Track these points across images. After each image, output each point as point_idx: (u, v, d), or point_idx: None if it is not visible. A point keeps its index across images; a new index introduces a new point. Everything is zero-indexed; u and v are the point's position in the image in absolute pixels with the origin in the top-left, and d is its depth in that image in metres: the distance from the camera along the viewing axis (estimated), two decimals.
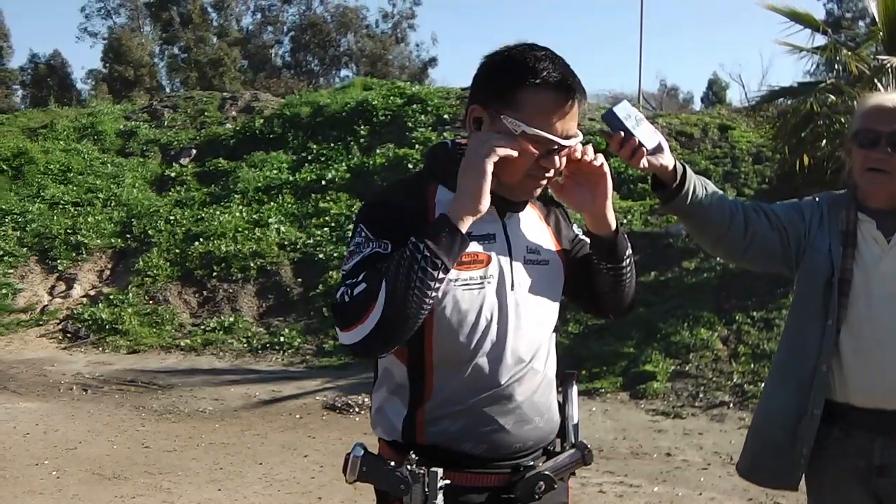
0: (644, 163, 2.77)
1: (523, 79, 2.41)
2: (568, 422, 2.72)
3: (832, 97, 12.70)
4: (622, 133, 2.72)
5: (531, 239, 2.64)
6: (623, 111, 2.73)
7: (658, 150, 2.81)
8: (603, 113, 2.82)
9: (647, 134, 2.75)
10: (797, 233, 3.17)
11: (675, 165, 2.92)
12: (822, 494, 3.22)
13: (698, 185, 3.00)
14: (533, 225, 2.68)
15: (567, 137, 2.46)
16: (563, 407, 2.74)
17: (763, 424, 3.32)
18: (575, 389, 2.76)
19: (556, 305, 2.69)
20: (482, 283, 2.49)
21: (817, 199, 3.27)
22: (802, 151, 13.04)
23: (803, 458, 3.14)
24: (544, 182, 2.53)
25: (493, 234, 2.52)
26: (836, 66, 13.40)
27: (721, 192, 3.12)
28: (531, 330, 2.58)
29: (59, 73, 52.60)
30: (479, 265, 2.48)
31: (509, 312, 2.52)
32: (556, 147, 2.44)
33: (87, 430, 9.27)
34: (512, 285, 2.54)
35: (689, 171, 2.97)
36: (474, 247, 2.46)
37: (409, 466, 2.39)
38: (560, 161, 2.48)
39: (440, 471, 2.39)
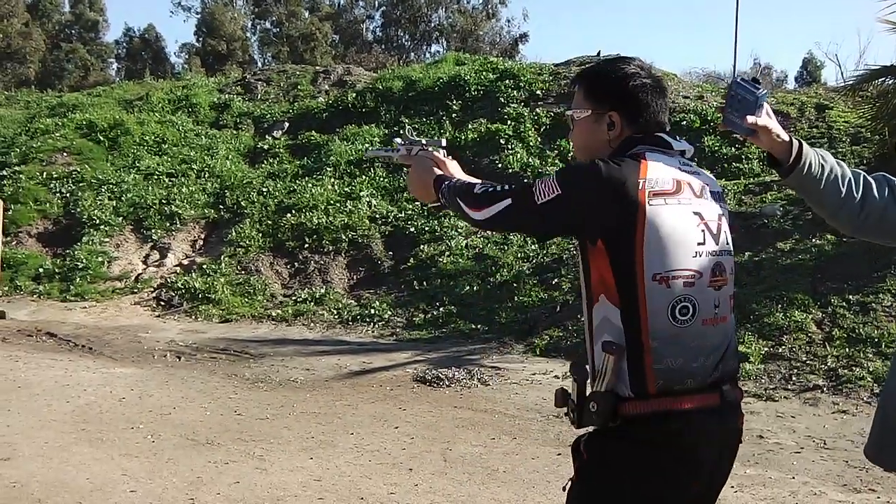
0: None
1: None
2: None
3: None
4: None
5: None
6: (737, 89, 2.92)
7: (750, 133, 2.91)
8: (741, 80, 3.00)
9: (738, 115, 2.91)
10: None
11: (789, 143, 2.92)
12: None
13: (814, 162, 2.94)
14: None
15: None
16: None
17: (890, 406, 3.21)
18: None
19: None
20: None
21: None
22: None
23: None
24: None
25: None
26: None
27: (841, 165, 3.05)
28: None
29: (153, 46, 53.30)
30: None
31: None
32: None
33: (180, 396, 9.40)
34: None
35: (805, 148, 2.94)
36: None
37: None
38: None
39: None
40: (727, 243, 2.87)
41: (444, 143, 3.44)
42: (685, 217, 2.74)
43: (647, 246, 2.67)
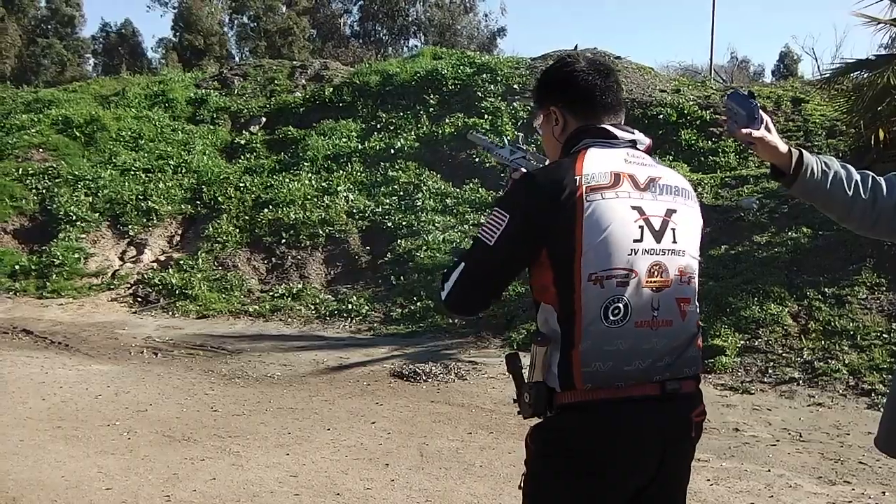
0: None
1: None
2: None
3: None
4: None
5: None
6: (730, 102, 3.04)
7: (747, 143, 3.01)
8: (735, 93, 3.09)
9: (736, 127, 3.01)
10: None
11: (789, 154, 2.98)
12: None
13: (816, 169, 2.99)
14: None
15: None
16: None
17: None
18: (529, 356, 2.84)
19: None
20: None
21: None
22: (878, 126, 12.84)
23: None
24: None
25: None
26: None
27: (847, 170, 3.06)
28: None
29: (130, 41, 53.14)
30: None
31: None
32: None
33: (157, 392, 9.38)
34: None
35: (806, 156, 2.99)
36: None
37: None
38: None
39: None
40: (674, 241, 2.80)
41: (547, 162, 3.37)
42: (622, 212, 2.71)
43: (586, 245, 2.65)
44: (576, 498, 2.72)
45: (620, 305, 2.67)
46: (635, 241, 2.70)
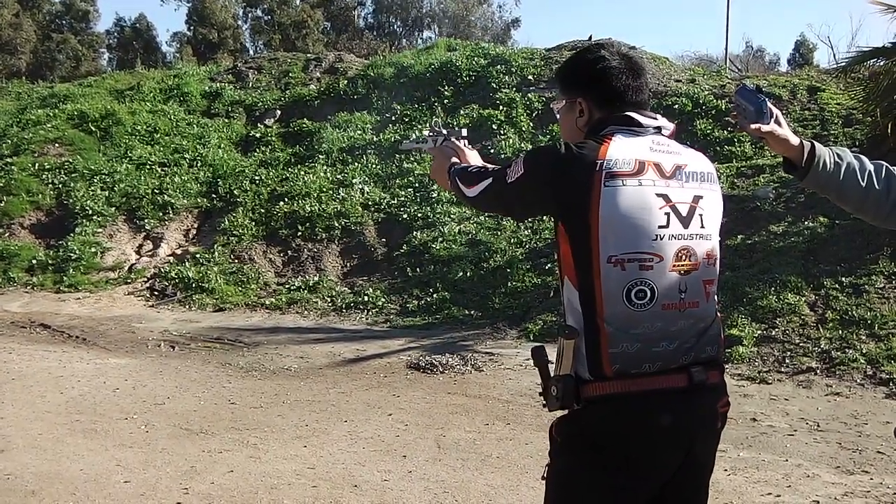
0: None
1: None
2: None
3: None
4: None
5: None
6: (738, 98, 3.07)
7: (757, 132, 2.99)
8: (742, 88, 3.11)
9: (746, 122, 3.03)
10: None
11: (801, 146, 2.99)
12: None
13: (828, 161, 2.99)
14: None
15: None
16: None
17: None
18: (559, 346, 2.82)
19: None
20: None
21: None
22: (895, 114, 12.76)
23: None
24: None
25: None
26: None
27: (860, 161, 3.06)
28: None
29: (145, 36, 53.06)
30: None
31: None
32: None
33: (174, 385, 9.40)
34: None
35: (818, 148, 3.00)
36: None
37: None
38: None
39: None
40: (702, 227, 2.84)
41: (465, 132, 3.64)
42: (645, 199, 2.73)
43: (602, 228, 2.68)
44: (601, 491, 2.74)
45: (646, 289, 2.71)
46: (660, 226, 2.73)
